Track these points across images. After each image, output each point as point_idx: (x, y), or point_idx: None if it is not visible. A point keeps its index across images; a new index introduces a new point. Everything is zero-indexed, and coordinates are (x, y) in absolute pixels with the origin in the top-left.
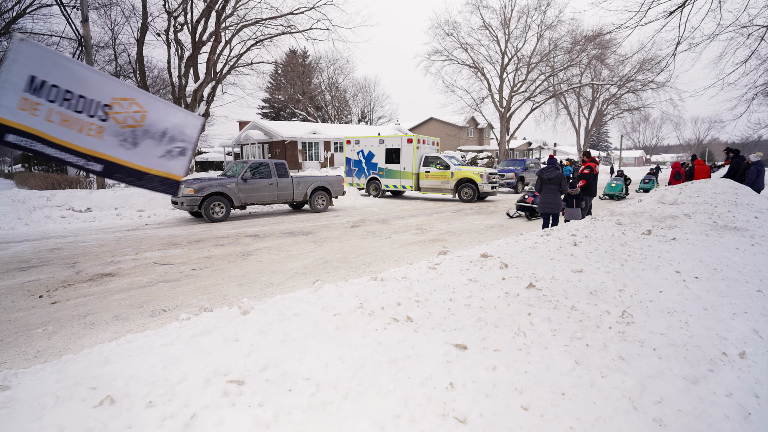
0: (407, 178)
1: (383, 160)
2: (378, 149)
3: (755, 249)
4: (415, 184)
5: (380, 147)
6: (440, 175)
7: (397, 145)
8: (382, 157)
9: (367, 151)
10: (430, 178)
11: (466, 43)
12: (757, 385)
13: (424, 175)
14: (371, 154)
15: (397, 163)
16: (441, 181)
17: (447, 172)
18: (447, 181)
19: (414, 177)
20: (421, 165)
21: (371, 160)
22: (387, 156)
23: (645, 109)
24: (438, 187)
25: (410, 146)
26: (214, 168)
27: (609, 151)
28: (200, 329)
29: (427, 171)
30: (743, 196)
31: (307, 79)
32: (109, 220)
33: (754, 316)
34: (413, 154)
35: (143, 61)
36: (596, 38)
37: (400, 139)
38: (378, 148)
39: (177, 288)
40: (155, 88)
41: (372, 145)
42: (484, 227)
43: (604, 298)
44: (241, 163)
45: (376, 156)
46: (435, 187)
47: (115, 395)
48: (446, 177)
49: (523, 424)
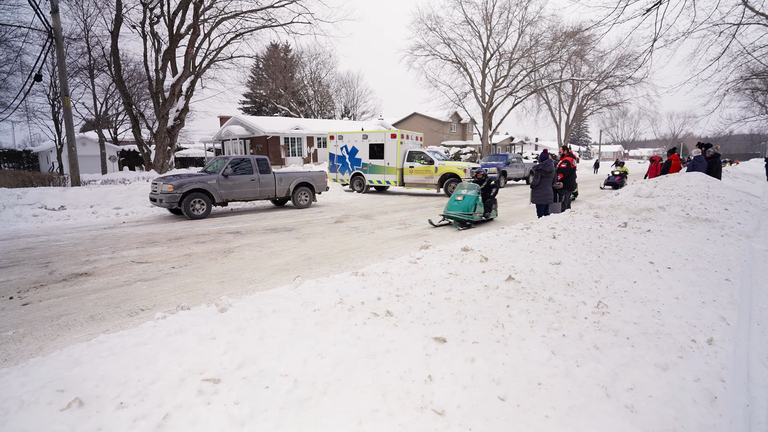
0: (391, 173)
1: (367, 156)
2: (362, 144)
3: (724, 240)
4: (399, 179)
5: (364, 142)
6: (424, 170)
7: (380, 141)
8: (366, 153)
9: (351, 146)
10: (414, 173)
11: (448, 38)
12: (723, 370)
13: (408, 170)
14: (355, 149)
15: (381, 159)
16: (425, 176)
17: (431, 167)
18: (431, 176)
19: (398, 172)
20: (405, 160)
21: (355, 156)
22: (371, 151)
23: (623, 105)
24: (422, 182)
25: (394, 141)
26: (194, 164)
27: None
28: (175, 328)
29: (411, 166)
30: (714, 189)
31: (289, 73)
32: (85, 219)
33: (722, 304)
34: (397, 150)
35: (118, 54)
36: (576, 34)
37: (384, 134)
38: (362, 144)
39: (156, 287)
40: (131, 82)
41: (356, 140)
42: None
43: (581, 290)
44: (222, 159)
45: (360, 151)
46: (419, 182)
47: (84, 397)
48: (430, 172)
49: (499, 415)
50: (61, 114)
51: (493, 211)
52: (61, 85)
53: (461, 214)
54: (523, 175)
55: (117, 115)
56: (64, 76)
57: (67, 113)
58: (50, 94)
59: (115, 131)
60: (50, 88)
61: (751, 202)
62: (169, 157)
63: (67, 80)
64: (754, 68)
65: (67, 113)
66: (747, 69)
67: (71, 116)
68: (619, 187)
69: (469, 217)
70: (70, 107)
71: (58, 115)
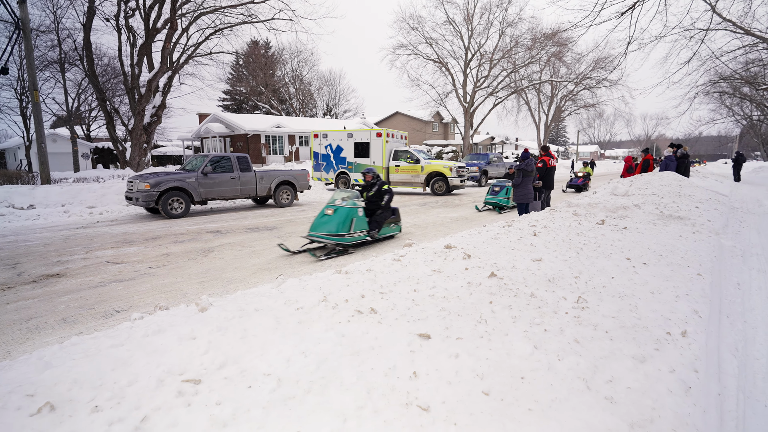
0: (377, 172)
1: (352, 154)
2: (347, 143)
3: (696, 236)
4: (385, 177)
5: (349, 141)
6: (410, 169)
7: (366, 139)
8: (351, 151)
9: (336, 145)
10: (400, 172)
11: (430, 38)
12: (696, 361)
13: (394, 169)
14: (340, 148)
15: (366, 157)
16: (411, 175)
17: (417, 166)
18: (417, 174)
19: (384, 171)
20: (391, 159)
21: (340, 155)
22: (356, 150)
23: (599, 106)
24: (408, 181)
25: (380, 140)
26: (172, 162)
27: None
28: (153, 328)
29: (397, 165)
30: (686, 188)
31: (270, 70)
32: (56, 218)
33: (695, 298)
34: (383, 148)
35: (91, 47)
36: (554, 36)
37: (369, 132)
38: (347, 142)
39: (132, 287)
40: (105, 77)
41: (340, 138)
42: (450, 220)
43: (562, 285)
44: (201, 157)
45: (345, 150)
46: (405, 181)
47: (56, 401)
48: (416, 171)
49: (484, 409)
50: (29, 109)
51: (391, 226)
52: (30, 79)
53: (329, 236)
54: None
55: (90, 111)
56: (33, 69)
57: (36, 108)
58: (18, 88)
59: (88, 128)
60: (18, 81)
61: (719, 200)
62: (145, 155)
63: (35, 74)
64: (722, 72)
65: (35, 108)
66: (715, 73)
67: (40, 111)
68: (582, 189)
69: (339, 239)
70: (39, 102)
71: (26, 111)
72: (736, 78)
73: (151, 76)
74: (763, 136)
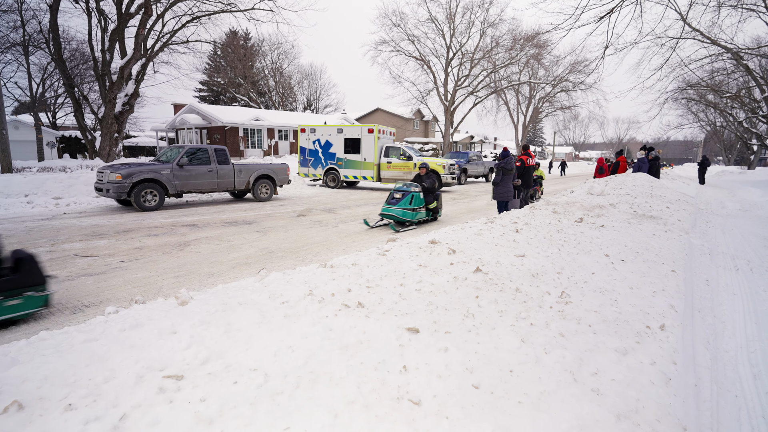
0: (368, 168)
1: (342, 150)
2: (336, 139)
3: (668, 235)
4: (376, 174)
5: (339, 136)
6: (402, 166)
7: (357, 135)
8: (340, 147)
9: (324, 140)
10: (392, 168)
11: (413, 35)
12: (675, 353)
13: (385, 165)
14: (329, 143)
15: (357, 154)
16: (403, 172)
17: (410, 162)
18: (409, 171)
19: (375, 168)
20: (382, 155)
21: (329, 150)
22: (346, 146)
23: (575, 108)
24: (400, 178)
25: (371, 136)
26: (145, 153)
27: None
28: (130, 323)
29: (388, 162)
30: (657, 189)
31: (249, 62)
32: (18, 209)
33: (670, 293)
34: (374, 145)
35: (58, 30)
36: (534, 38)
37: (361, 128)
38: (336, 138)
39: (103, 282)
40: (73, 63)
41: (329, 134)
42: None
43: (545, 280)
44: (176, 149)
45: (335, 146)
46: (397, 178)
47: (25, 400)
48: (409, 168)
49: (474, 402)
50: None
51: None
52: None
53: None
54: (483, 172)
55: (56, 97)
56: None
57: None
58: None
59: (54, 115)
60: None
61: (687, 201)
62: (116, 145)
63: None
64: (689, 80)
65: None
66: (684, 80)
67: (1, 96)
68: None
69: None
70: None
71: None
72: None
73: (123, 63)
74: (725, 142)
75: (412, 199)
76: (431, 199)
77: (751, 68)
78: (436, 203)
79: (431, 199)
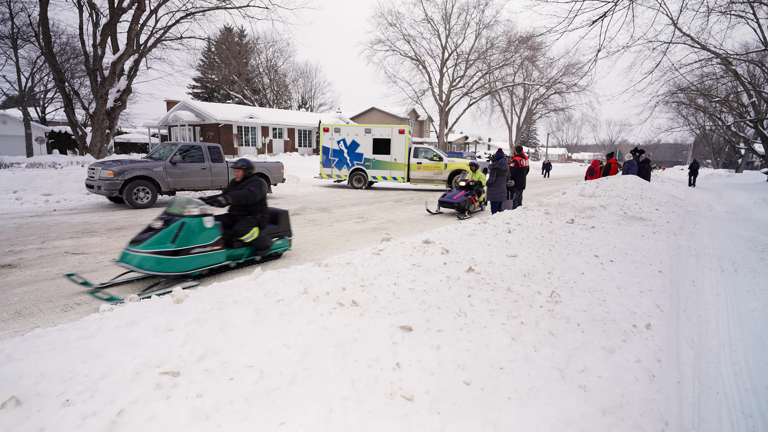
0: (398, 169)
1: (370, 151)
2: (364, 139)
3: (656, 236)
4: (406, 175)
5: (366, 137)
6: (433, 167)
7: (387, 136)
8: (368, 148)
9: (350, 140)
10: (422, 169)
11: (408, 35)
12: (659, 351)
13: (415, 166)
14: (355, 143)
15: (387, 154)
16: (434, 173)
17: (441, 163)
18: (440, 172)
19: (405, 168)
20: (411, 156)
21: (355, 151)
22: (375, 146)
23: (568, 110)
24: (431, 179)
25: (402, 137)
26: (137, 150)
27: (537, 148)
28: (126, 320)
29: (418, 162)
30: (647, 191)
31: (244, 59)
32: (7, 205)
33: (657, 293)
34: (405, 145)
35: (48, 24)
36: (528, 40)
37: (391, 128)
38: (364, 138)
39: (95, 279)
40: (64, 57)
41: (356, 134)
42: (425, 216)
43: (536, 280)
44: (169, 146)
45: (362, 146)
46: (427, 179)
47: (22, 396)
48: (440, 168)
49: (466, 398)
50: None
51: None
52: None
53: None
54: None
55: (46, 92)
56: None
57: None
58: None
59: (44, 110)
60: None
61: (676, 204)
62: (108, 141)
63: None
64: (680, 84)
65: None
66: (674, 84)
67: None
68: (463, 210)
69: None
70: None
71: None
72: (692, 90)
73: (115, 58)
74: (714, 145)
75: (180, 230)
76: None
77: (739, 73)
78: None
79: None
